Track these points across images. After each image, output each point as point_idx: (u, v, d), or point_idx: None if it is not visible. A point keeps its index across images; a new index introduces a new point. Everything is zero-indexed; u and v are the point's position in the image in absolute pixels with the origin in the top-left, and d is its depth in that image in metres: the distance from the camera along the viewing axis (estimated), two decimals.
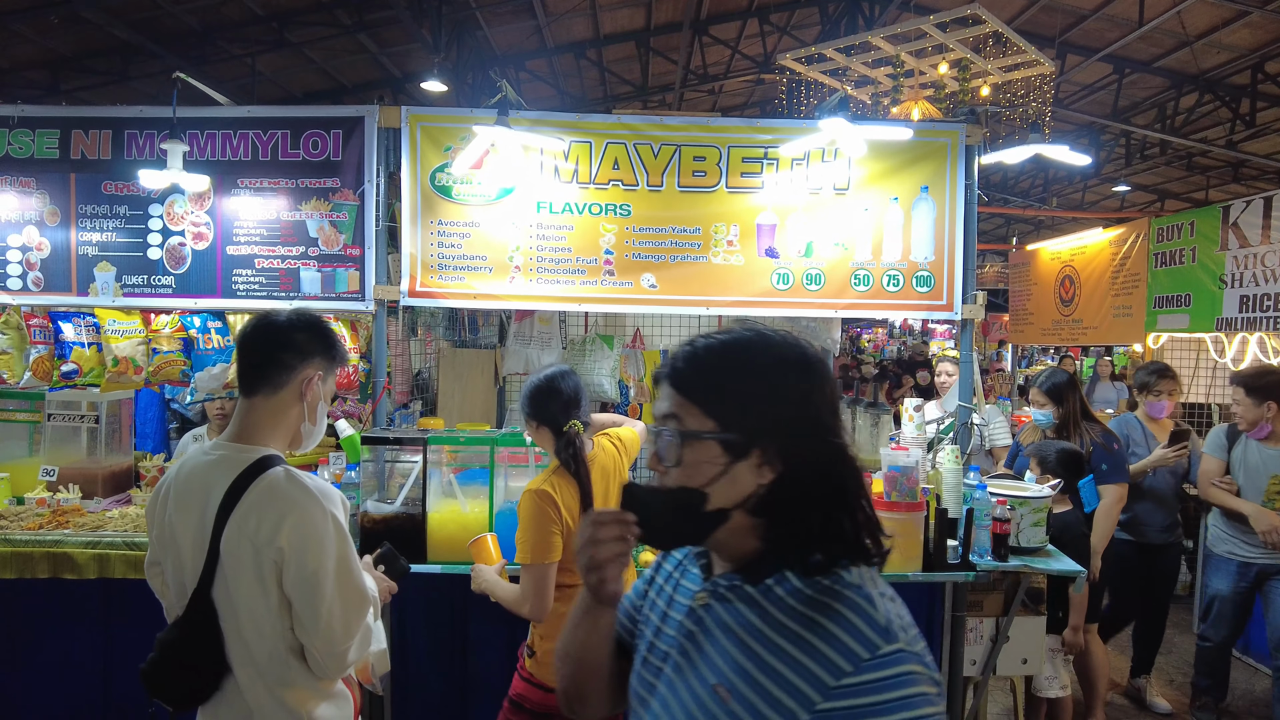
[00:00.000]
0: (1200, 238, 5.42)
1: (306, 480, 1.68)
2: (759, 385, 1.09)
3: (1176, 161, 12.70)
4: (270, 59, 8.85)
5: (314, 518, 1.63)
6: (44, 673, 3.20)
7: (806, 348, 1.14)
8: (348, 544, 1.69)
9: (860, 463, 1.14)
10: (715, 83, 11.05)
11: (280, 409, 1.77)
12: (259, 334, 1.79)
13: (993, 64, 6.09)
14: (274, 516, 1.61)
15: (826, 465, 1.09)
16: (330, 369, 1.85)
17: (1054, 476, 3.47)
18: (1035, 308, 7.85)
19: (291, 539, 1.61)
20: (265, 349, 1.77)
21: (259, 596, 1.64)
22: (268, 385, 1.75)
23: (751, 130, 3.53)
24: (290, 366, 1.76)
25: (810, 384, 1.10)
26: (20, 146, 3.59)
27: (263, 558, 1.62)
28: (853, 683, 0.97)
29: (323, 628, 1.64)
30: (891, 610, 1.04)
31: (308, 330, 1.81)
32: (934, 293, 3.57)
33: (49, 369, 3.58)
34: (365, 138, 3.53)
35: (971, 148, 3.58)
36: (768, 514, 1.09)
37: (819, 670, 0.99)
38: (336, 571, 1.65)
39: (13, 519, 3.31)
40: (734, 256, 3.54)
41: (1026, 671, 3.38)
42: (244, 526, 1.62)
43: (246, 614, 1.65)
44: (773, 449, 1.07)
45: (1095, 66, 9.46)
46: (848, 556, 1.08)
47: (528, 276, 3.52)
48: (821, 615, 1.03)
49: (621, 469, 2.60)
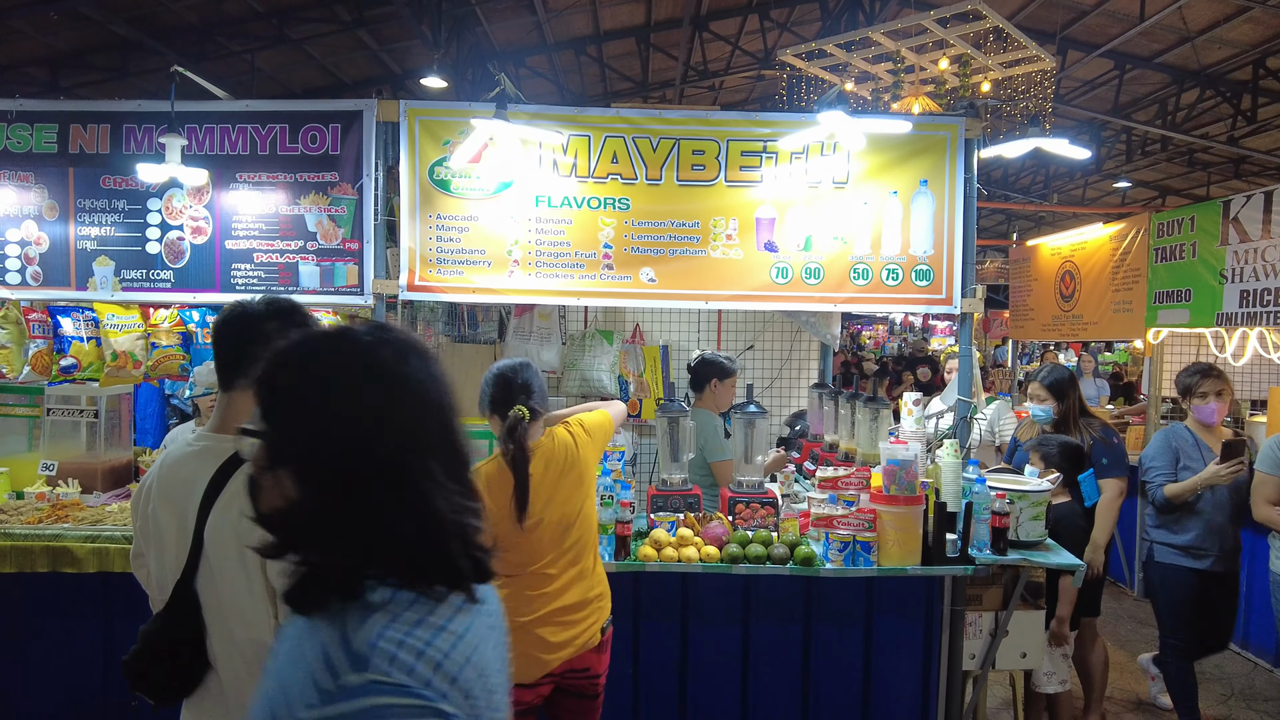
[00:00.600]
0: (1201, 233, 5.41)
1: None
2: (289, 394, 1.02)
3: (1178, 158, 12.69)
4: (270, 55, 8.84)
5: None
6: (44, 666, 3.21)
7: (382, 363, 1.03)
8: None
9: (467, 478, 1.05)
10: (716, 79, 11.04)
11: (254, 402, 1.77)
12: (228, 326, 1.76)
13: (993, 59, 6.07)
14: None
15: (360, 490, 0.98)
16: None
17: (1056, 470, 3.47)
18: (1035, 304, 7.84)
19: None
20: (235, 341, 1.75)
21: (243, 586, 1.61)
22: (242, 378, 1.72)
23: (750, 124, 3.53)
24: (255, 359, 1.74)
25: (360, 403, 1.00)
26: (18, 141, 3.59)
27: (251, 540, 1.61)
28: (316, 718, 0.86)
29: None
30: (387, 635, 0.92)
31: (279, 319, 1.75)
32: (933, 287, 3.56)
33: (48, 363, 3.58)
34: (364, 132, 3.53)
35: (971, 141, 3.57)
36: (290, 535, 1.01)
37: (296, 705, 0.88)
38: None
39: (12, 513, 3.31)
40: (733, 250, 3.53)
41: (1025, 666, 3.38)
42: (226, 516, 1.60)
43: (231, 604, 1.62)
44: (292, 465, 0.99)
45: (1096, 62, 9.45)
46: (411, 582, 0.98)
47: (526, 270, 3.51)
48: (305, 643, 0.93)
49: (576, 458, 2.50)
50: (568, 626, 2.41)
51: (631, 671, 3.18)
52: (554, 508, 2.43)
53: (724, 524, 3.22)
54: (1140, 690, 4.38)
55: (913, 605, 3.19)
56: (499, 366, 2.50)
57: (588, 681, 2.50)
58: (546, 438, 2.50)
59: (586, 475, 2.54)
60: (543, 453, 2.45)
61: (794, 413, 5.13)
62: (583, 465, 2.52)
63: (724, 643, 3.19)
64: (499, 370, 2.48)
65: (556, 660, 2.39)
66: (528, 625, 2.37)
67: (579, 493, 2.50)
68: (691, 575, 3.12)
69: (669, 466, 3.55)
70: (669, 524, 3.22)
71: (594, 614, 2.49)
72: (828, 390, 4.25)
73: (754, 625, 3.18)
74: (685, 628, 3.18)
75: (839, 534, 3.02)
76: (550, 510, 2.42)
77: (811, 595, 3.17)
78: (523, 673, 2.36)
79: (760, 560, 3.02)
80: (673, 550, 3.04)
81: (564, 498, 2.45)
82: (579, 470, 2.51)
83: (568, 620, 2.42)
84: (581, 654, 2.43)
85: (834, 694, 3.21)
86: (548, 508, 2.41)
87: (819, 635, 3.19)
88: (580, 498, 2.50)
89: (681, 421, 3.56)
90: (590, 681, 2.50)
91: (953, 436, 3.51)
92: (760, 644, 3.19)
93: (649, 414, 5.19)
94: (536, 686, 2.41)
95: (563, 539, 2.45)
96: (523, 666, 2.36)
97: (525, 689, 2.39)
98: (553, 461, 2.46)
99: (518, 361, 2.52)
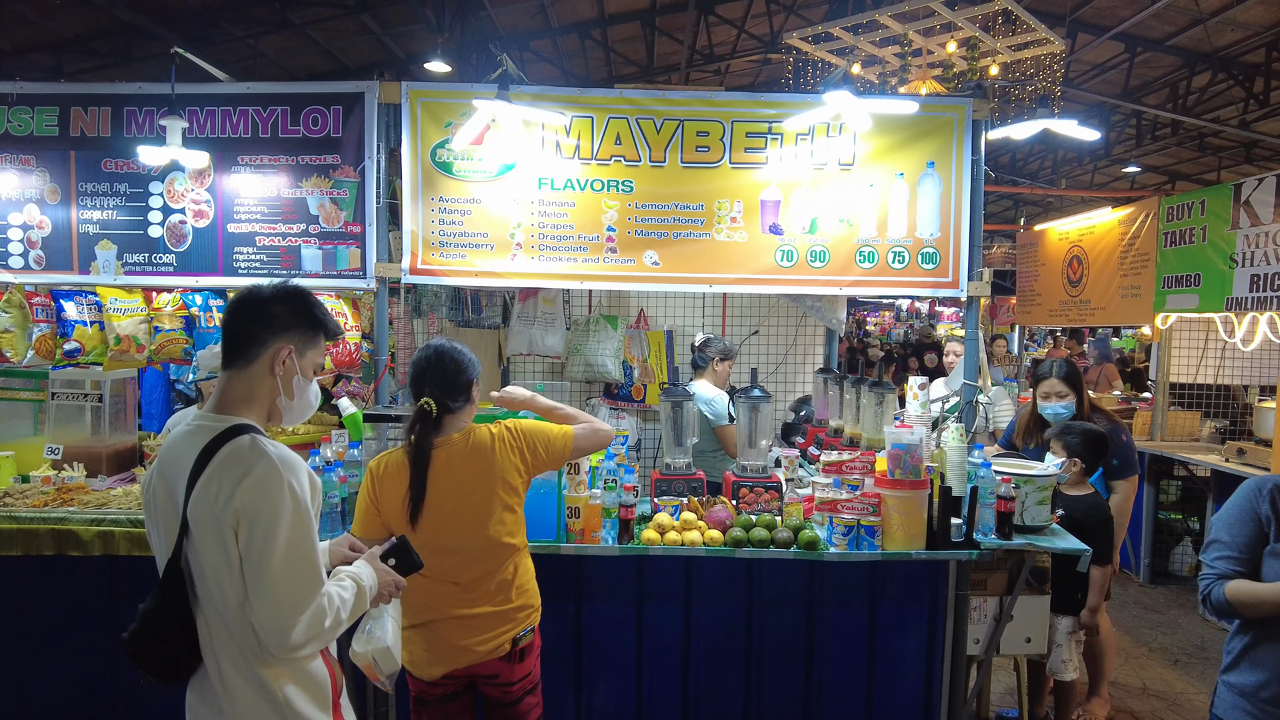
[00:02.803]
0: (1211, 216, 5.35)
1: (269, 447, 1.65)
2: None
3: (1188, 142, 12.55)
4: (273, 40, 8.79)
5: (269, 482, 1.60)
6: (52, 648, 3.23)
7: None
8: (304, 516, 1.64)
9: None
10: (721, 63, 10.94)
11: (252, 382, 1.75)
12: (236, 307, 1.78)
13: (1002, 43, 6.00)
14: (232, 480, 1.60)
15: None
16: (309, 343, 1.81)
17: (1080, 460, 3.43)
18: (1043, 288, 7.79)
19: (246, 501, 1.59)
20: (239, 323, 1.76)
21: (223, 563, 1.61)
22: (241, 358, 1.74)
23: (755, 104, 3.49)
24: (260, 341, 1.74)
25: None
26: (19, 124, 3.58)
27: (222, 522, 1.60)
28: None
29: (267, 596, 1.59)
30: None
31: (286, 303, 1.78)
32: (939, 270, 3.53)
33: (52, 347, 3.58)
34: (365, 114, 3.50)
35: (978, 122, 3.53)
36: None
37: None
38: (288, 541, 1.60)
39: (18, 496, 3.32)
40: (737, 233, 3.50)
41: (1030, 651, 3.37)
42: (206, 492, 1.61)
43: (214, 582, 1.62)
44: None
45: (1106, 45, 9.33)
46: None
47: (529, 254, 3.49)
48: None
49: (489, 464, 2.27)
50: (472, 633, 2.29)
51: (635, 654, 3.19)
52: (452, 514, 2.25)
53: (728, 508, 3.20)
54: (1146, 676, 4.37)
55: (917, 590, 3.17)
56: (420, 351, 2.35)
57: (499, 689, 2.37)
58: (461, 436, 2.29)
59: (499, 483, 2.28)
60: (448, 452, 2.26)
61: (799, 398, 5.10)
62: (496, 470, 2.27)
63: (728, 627, 3.18)
64: (416, 356, 2.34)
65: (458, 663, 2.29)
66: (431, 624, 2.29)
67: (486, 502, 2.27)
68: (695, 559, 3.11)
69: (673, 451, 3.54)
70: (672, 508, 3.21)
71: (508, 625, 2.33)
72: (833, 375, 4.23)
73: (757, 610, 3.18)
74: (689, 612, 3.18)
75: (843, 518, 3.01)
76: (446, 515, 2.24)
77: (815, 579, 3.16)
78: (423, 669, 2.31)
79: (764, 544, 3.01)
80: (676, 534, 3.03)
81: (465, 505, 2.26)
82: (490, 478, 2.27)
83: (473, 627, 2.29)
84: (486, 660, 2.30)
85: (838, 678, 3.20)
86: (444, 512, 2.24)
87: (823, 620, 3.18)
88: (488, 508, 2.27)
89: (685, 405, 3.54)
90: (502, 689, 2.37)
91: (958, 420, 3.48)
92: (764, 628, 3.18)
93: (653, 399, 5.18)
94: (439, 684, 2.33)
95: (465, 550, 2.27)
96: (423, 663, 2.31)
97: (428, 685, 2.34)
98: (457, 464, 2.26)
99: (440, 345, 2.33)
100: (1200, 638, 4.92)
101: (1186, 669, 4.48)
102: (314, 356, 1.83)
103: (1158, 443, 5.90)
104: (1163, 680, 4.33)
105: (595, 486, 3.08)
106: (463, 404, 2.30)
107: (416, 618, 2.30)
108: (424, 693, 2.37)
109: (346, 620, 1.72)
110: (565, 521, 2.98)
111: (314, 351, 1.82)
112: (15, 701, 3.22)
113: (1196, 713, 3.97)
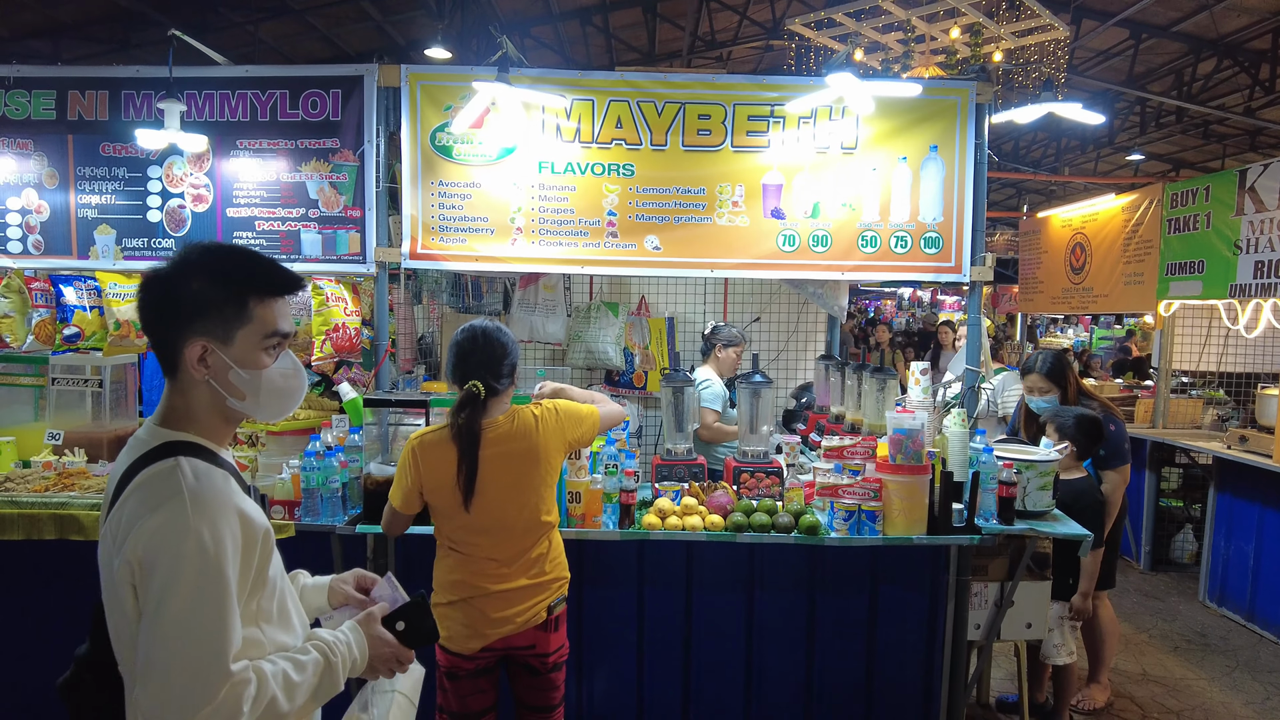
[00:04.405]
0: (1216, 202, 5.32)
1: (191, 481, 1.26)
2: None
3: (1192, 130, 12.47)
4: (272, 26, 8.74)
5: (170, 529, 1.21)
6: (52, 631, 3.23)
7: None
8: (213, 578, 1.22)
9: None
10: (723, 49, 10.87)
11: (187, 393, 1.36)
12: (139, 300, 1.36)
13: (1005, 29, 5.94)
14: (130, 520, 1.24)
15: None
16: (238, 319, 1.34)
17: (1073, 444, 3.42)
18: (1045, 276, 7.76)
19: (142, 550, 1.21)
20: (147, 318, 1.37)
21: (121, 622, 1.28)
22: (166, 365, 1.36)
23: (758, 87, 3.46)
24: (169, 343, 1.34)
25: None
26: (16, 108, 3.56)
27: (115, 571, 1.25)
28: None
29: (152, 681, 1.19)
30: None
31: (196, 274, 1.34)
32: (942, 254, 3.51)
33: (51, 332, 3.57)
34: (365, 97, 3.48)
35: (982, 106, 3.50)
36: None
37: None
38: (183, 610, 1.20)
39: (19, 481, 3.32)
40: (739, 217, 3.48)
41: (1030, 636, 3.37)
42: (111, 523, 1.28)
43: (115, 641, 1.31)
44: None
45: (1111, 31, 9.25)
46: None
47: (530, 238, 3.48)
48: None
49: (534, 445, 2.32)
50: (510, 605, 2.34)
51: (636, 639, 3.19)
52: (498, 494, 2.29)
53: (728, 493, 3.20)
54: (1146, 662, 4.38)
55: (918, 575, 3.17)
56: (461, 332, 2.32)
57: (535, 658, 2.42)
58: (506, 418, 2.32)
59: (543, 463, 2.35)
60: (496, 434, 2.29)
61: (800, 385, 5.10)
62: (540, 451, 2.33)
63: (728, 612, 3.19)
64: (458, 338, 2.32)
65: (495, 635, 2.33)
66: (471, 600, 2.33)
67: (530, 481, 2.33)
68: (696, 544, 3.11)
69: (674, 436, 3.53)
70: (673, 493, 3.20)
71: (543, 595, 2.39)
72: (834, 361, 4.22)
73: (758, 594, 3.18)
74: (690, 596, 3.18)
75: (844, 503, 3.00)
76: (492, 496, 2.28)
77: (816, 564, 3.16)
78: (460, 644, 2.34)
79: (765, 529, 3.00)
80: (677, 519, 3.03)
81: (512, 485, 2.30)
82: (534, 458, 2.32)
83: (510, 600, 2.34)
84: (523, 631, 2.36)
85: (838, 663, 3.21)
86: (490, 493, 2.27)
87: (823, 604, 3.18)
88: (531, 487, 2.33)
89: (686, 391, 3.54)
90: (539, 659, 2.42)
91: (960, 405, 3.47)
92: (764, 613, 3.18)
93: (654, 386, 5.17)
94: (475, 658, 2.37)
95: (508, 529, 2.32)
96: (461, 638, 2.34)
97: (463, 659, 2.37)
98: (504, 446, 2.29)
99: (484, 326, 2.33)
100: (1200, 624, 4.93)
101: (1186, 655, 4.49)
102: (255, 332, 1.36)
103: (1159, 430, 5.89)
104: (1162, 666, 4.33)
105: (596, 471, 3.08)
106: (507, 385, 2.35)
107: (454, 594, 2.35)
108: (457, 666, 2.39)
109: (296, 708, 1.31)
110: (566, 506, 2.97)
111: (249, 329, 1.36)
112: (15, 684, 3.23)
113: (1196, 699, 3.98)
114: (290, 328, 1.44)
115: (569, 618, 2.57)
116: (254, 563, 1.30)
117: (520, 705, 2.51)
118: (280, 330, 1.40)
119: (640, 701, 3.22)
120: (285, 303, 1.43)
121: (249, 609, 1.32)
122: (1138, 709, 3.86)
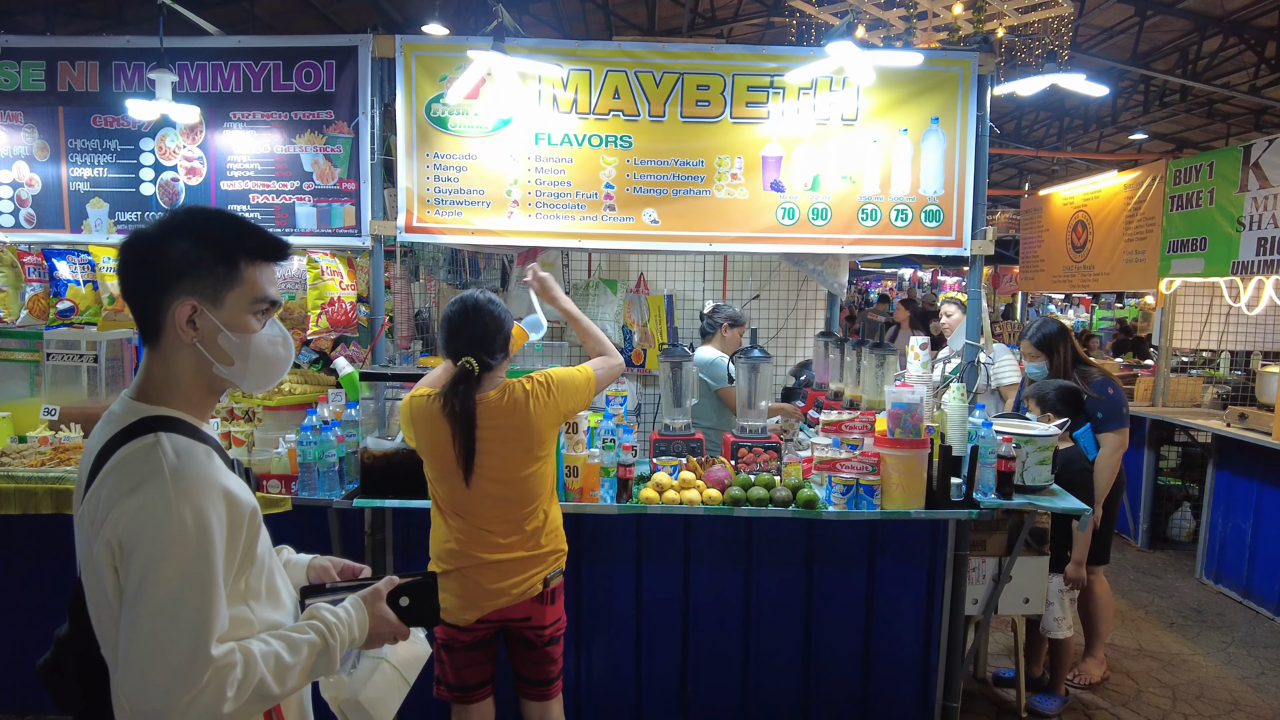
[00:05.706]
0: (1219, 179, 5.27)
1: (169, 457, 1.23)
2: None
3: (1197, 109, 12.38)
4: (268, 3, 8.65)
5: (152, 508, 1.18)
6: (50, 607, 3.23)
7: None
8: (201, 558, 1.20)
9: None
10: (724, 25, 10.75)
11: (169, 360, 1.33)
12: (120, 261, 1.33)
13: (1008, 5, 5.86)
14: (111, 499, 1.21)
15: None
16: (227, 281, 1.32)
17: (1055, 415, 3.43)
18: (1046, 254, 7.72)
19: (123, 530, 1.19)
20: (128, 282, 1.33)
21: (103, 603, 1.25)
22: (148, 331, 1.32)
23: (757, 57, 3.41)
24: (154, 305, 1.30)
25: None
26: (5, 79, 3.50)
27: (97, 551, 1.22)
28: None
29: (134, 664, 1.17)
30: None
31: (182, 235, 1.30)
32: (943, 228, 3.47)
33: (45, 307, 3.54)
34: (359, 68, 3.42)
35: (984, 77, 3.45)
36: None
37: None
38: (167, 592, 1.18)
39: (15, 456, 3.31)
40: (738, 190, 3.44)
41: (1028, 611, 3.38)
42: (89, 504, 1.24)
43: (96, 623, 1.28)
44: None
45: (1116, 8, 9.14)
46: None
47: (526, 211, 3.44)
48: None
49: (526, 420, 2.29)
50: (505, 576, 2.34)
51: (634, 613, 3.19)
52: (490, 470, 2.29)
53: (726, 468, 3.19)
54: (1142, 638, 4.39)
55: (916, 549, 3.17)
56: (452, 305, 2.29)
57: (532, 631, 2.42)
58: (497, 393, 2.30)
59: (535, 439, 2.33)
60: (486, 408, 2.27)
61: (799, 362, 5.08)
62: (533, 428, 2.31)
63: (726, 585, 3.19)
64: (449, 311, 2.29)
65: (491, 607, 2.34)
66: (465, 570, 2.33)
67: (524, 456, 2.32)
68: (694, 518, 3.10)
69: (672, 411, 3.51)
70: (671, 468, 3.19)
71: (539, 567, 2.39)
72: (833, 338, 4.20)
73: (756, 568, 3.18)
74: (687, 570, 3.18)
75: (842, 477, 2.99)
76: (485, 469, 2.28)
77: (814, 538, 3.16)
78: (455, 615, 2.34)
79: (762, 503, 2.99)
80: (674, 493, 3.02)
81: (504, 459, 2.30)
82: (527, 432, 2.31)
83: (506, 571, 2.34)
84: (520, 603, 2.36)
85: (835, 637, 3.21)
86: (483, 469, 2.28)
87: (821, 578, 3.18)
88: (525, 462, 2.33)
89: (684, 366, 3.52)
90: (535, 632, 2.42)
91: (959, 381, 3.46)
92: (762, 587, 3.19)
93: (653, 364, 5.15)
94: (471, 630, 2.38)
95: (503, 501, 2.33)
96: (456, 609, 2.34)
97: (459, 630, 2.37)
98: (495, 421, 2.28)
99: (475, 298, 2.29)
100: (1196, 601, 4.95)
101: (1182, 631, 4.50)
102: (244, 295, 1.34)
103: (1159, 408, 5.88)
104: (1158, 642, 4.35)
105: (594, 446, 3.07)
106: (501, 359, 2.32)
107: (449, 563, 2.35)
108: (453, 639, 2.40)
109: (288, 689, 1.29)
110: (564, 480, 2.96)
111: (239, 291, 1.34)
112: (13, 657, 3.24)
113: (1191, 673, 3.99)
114: (278, 296, 1.43)
115: (566, 591, 2.57)
116: (240, 541, 1.28)
117: (518, 678, 2.52)
118: (269, 296, 1.39)
119: (638, 675, 3.22)
120: (273, 270, 1.42)
121: (237, 588, 1.29)
122: (1133, 683, 3.88)
